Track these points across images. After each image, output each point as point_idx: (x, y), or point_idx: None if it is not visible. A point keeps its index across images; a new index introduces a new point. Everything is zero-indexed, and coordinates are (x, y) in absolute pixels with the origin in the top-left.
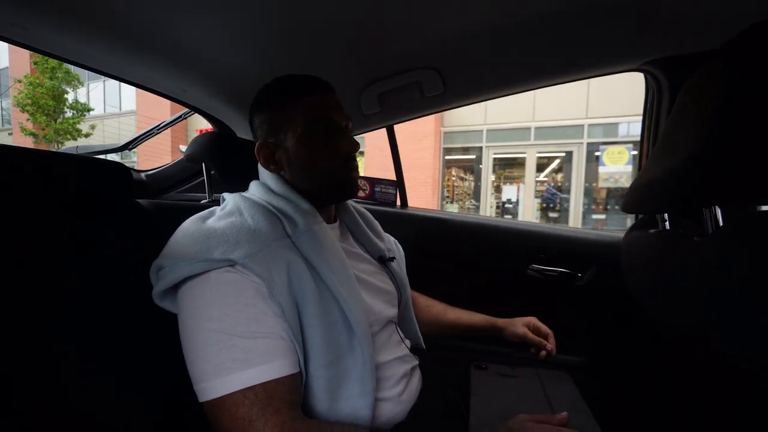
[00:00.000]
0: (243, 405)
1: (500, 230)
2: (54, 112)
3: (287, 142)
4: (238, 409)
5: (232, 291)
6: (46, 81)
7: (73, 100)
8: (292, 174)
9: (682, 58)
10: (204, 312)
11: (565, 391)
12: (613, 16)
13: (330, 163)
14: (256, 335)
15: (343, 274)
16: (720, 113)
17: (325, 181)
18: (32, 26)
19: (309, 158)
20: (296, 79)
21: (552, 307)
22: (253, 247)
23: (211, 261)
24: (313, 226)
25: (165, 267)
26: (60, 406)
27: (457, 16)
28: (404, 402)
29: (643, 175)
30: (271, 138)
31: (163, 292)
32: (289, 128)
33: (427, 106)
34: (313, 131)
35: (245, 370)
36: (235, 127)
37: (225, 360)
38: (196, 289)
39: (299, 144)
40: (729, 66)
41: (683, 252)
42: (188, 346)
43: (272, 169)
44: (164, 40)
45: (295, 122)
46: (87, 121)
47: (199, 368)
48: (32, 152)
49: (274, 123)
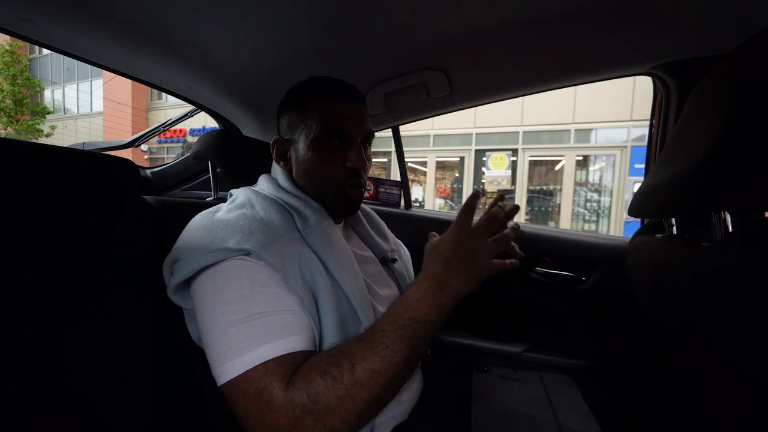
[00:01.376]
0: (254, 380)
1: None
2: (15, 114)
3: (299, 142)
4: (250, 385)
5: (248, 274)
6: (8, 86)
7: (37, 103)
8: (297, 174)
9: (691, 63)
10: (221, 297)
11: (567, 394)
12: (623, 19)
13: (333, 173)
14: (273, 312)
15: (351, 270)
16: (729, 118)
17: (324, 190)
18: (42, 22)
19: (314, 163)
20: (326, 81)
21: (556, 310)
22: (266, 238)
23: (227, 250)
24: (323, 222)
25: (180, 259)
26: (66, 399)
27: (464, 17)
28: (405, 402)
29: (651, 179)
30: (287, 135)
31: (175, 286)
32: (303, 129)
33: (433, 108)
34: (324, 137)
35: (260, 346)
36: (240, 125)
37: (242, 340)
38: (213, 278)
39: (309, 147)
40: (739, 70)
41: (690, 257)
42: (207, 333)
43: (282, 165)
44: (171, 37)
45: (311, 124)
46: (61, 121)
47: (216, 352)
48: (41, 147)
49: (292, 121)
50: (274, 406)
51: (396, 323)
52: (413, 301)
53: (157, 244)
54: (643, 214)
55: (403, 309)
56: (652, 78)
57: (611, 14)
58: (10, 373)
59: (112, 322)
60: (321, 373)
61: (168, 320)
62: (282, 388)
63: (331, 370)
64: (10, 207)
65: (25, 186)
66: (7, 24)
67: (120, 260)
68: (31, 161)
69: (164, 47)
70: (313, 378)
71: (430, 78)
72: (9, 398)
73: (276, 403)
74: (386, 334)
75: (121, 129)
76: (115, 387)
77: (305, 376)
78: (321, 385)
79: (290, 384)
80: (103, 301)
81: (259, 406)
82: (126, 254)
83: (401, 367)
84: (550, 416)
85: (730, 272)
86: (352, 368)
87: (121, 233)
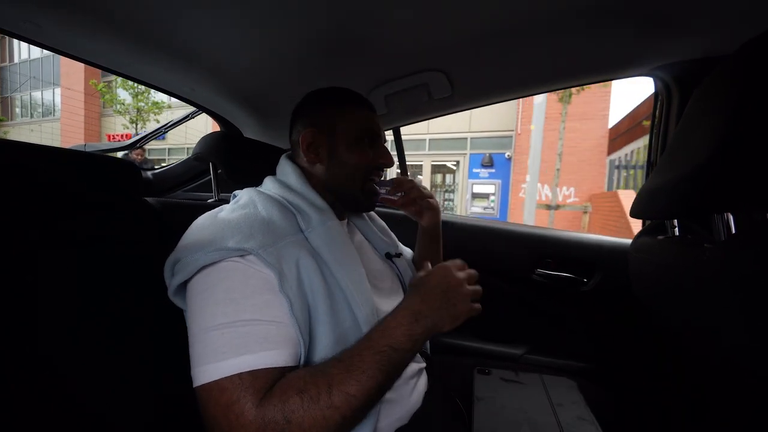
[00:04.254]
0: (228, 390)
1: (505, 234)
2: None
3: (338, 139)
4: (223, 395)
5: (240, 278)
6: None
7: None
8: (329, 169)
9: (693, 64)
10: (211, 298)
11: (569, 397)
12: (625, 20)
13: (367, 166)
14: (259, 322)
15: (354, 270)
16: (732, 119)
17: (354, 180)
18: (45, 24)
19: (354, 158)
20: (356, 94)
21: (557, 312)
22: (266, 239)
23: (226, 250)
24: (327, 222)
25: (182, 260)
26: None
27: (465, 18)
28: (409, 404)
29: (652, 180)
30: (324, 131)
31: (176, 287)
32: (344, 128)
33: (435, 109)
34: (362, 138)
35: (238, 356)
36: (241, 126)
37: (221, 345)
38: (207, 278)
39: (349, 144)
40: (741, 72)
41: (693, 258)
42: (191, 331)
43: (311, 158)
44: (173, 39)
45: (351, 126)
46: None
47: (196, 352)
48: (43, 148)
49: (331, 119)
50: (244, 420)
51: (373, 348)
52: (390, 328)
53: (158, 245)
54: (646, 215)
55: (380, 335)
56: (653, 79)
57: (613, 15)
58: (9, 374)
59: (112, 322)
60: (298, 391)
61: (168, 321)
62: (255, 403)
63: (309, 389)
64: (11, 207)
65: (26, 186)
66: (9, 25)
67: (120, 261)
68: (32, 162)
69: (166, 50)
70: (290, 396)
71: (431, 79)
72: (9, 398)
73: (246, 418)
74: (363, 359)
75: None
76: (115, 387)
77: (283, 393)
78: (297, 404)
79: (264, 400)
80: (103, 301)
81: (229, 418)
82: (126, 255)
83: (374, 392)
84: (552, 419)
85: (732, 273)
86: (329, 390)
87: (122, 234)
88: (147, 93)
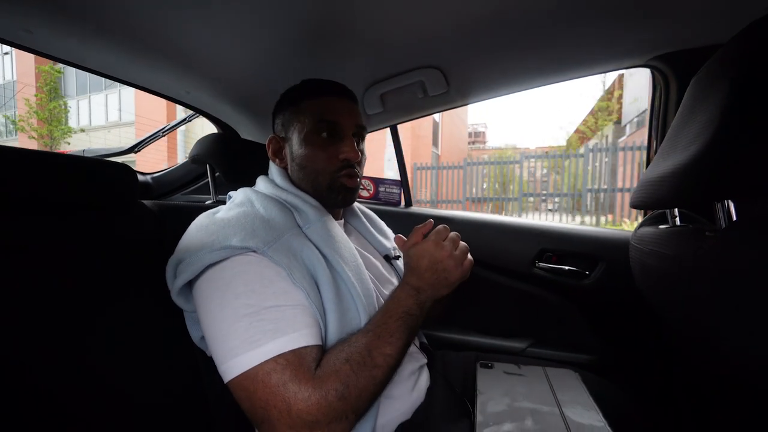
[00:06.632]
0: (275, 371)
1: (506, 228)
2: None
3: (293, 138)
4: (270, 377)
5: (255, 270)
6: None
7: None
8: (293, 170)
9: (689, 53)
10: (230, 293)
11: (572, 389)
12: (621, 10)
13: (326, 165)
14: (284, 306)
15: (353, 263)
16: (729, 106)
17: (318, 182)
18: (37, 30)
19: (308, 156)
20: (317, 81)
21: (559, 305)
22: (269, 236)
23: (231, 248)
24: (323, 218)
25: (185, 260)
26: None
27: (459, 13)
28: (411, 400)
29: (652, 170)
30: (282, 133)
31: (180, 287)
32: (297, 125)
33: (431, 106)
34: (317, 131)
35: (275, 339)
36: (238, 128)
37: (254, 333)
38: (220, 275)
39: (303, 141)
40: (738, 58)
41: (693, 248)
42: (213, 328)
43: (277, 162)
44: (167, 42)
45: (303, 120)
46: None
47: (226, 346)
48: (39, 154)
49: (286, 120)
50: (302, 395)
51: (393, 316)
52: (401, 299)
53: (157, 247)
54: (646, 205)
55: (395, 305)
56: (650, 69)
57: (609, 6)
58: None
59: (111, 325)
60: (345, 360)
61: (168, 322)
62: (309, 377)
63: (353, 357)
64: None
65: (27, 193)
66: (4, 34)
67: (119, 264)
68: (32, 168)
69: (160, 53)
70: (339, 366)
71: (426, 76)
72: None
73: (304, 393)
74: (388, 325)
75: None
76: (113, 391)
77: (332, 364)
78: (348, 371)
79: (317, 373)
80: (102, 304)
81: (285, 397)
82: (125, 258)
83: (403, 350)
84: (555, 410)
85: (732, 262)
86: (369, 353)
87: (121, 237)
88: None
